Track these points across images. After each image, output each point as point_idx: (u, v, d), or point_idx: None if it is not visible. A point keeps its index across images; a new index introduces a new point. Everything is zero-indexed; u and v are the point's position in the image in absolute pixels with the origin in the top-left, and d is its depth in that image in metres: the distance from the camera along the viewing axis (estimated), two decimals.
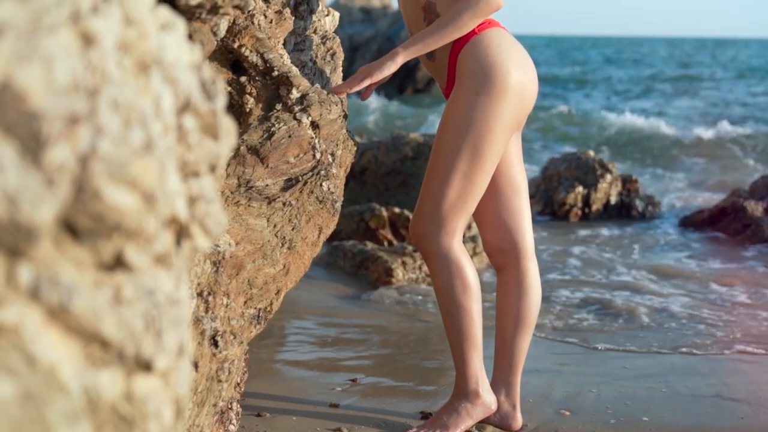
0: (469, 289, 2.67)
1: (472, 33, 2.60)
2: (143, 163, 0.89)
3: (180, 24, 1.16)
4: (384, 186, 6.53)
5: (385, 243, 5.61)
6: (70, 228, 0.87)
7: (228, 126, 1.18)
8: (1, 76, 0.75)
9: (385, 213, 5.68)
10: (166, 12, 1.14)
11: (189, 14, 1.76)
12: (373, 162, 6.59)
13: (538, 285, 2.81)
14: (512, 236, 2.75)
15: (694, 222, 6.63)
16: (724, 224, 6.44)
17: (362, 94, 2.70)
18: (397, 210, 5.72)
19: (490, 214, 2.76)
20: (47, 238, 0.83)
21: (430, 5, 2.66)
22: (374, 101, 15.74)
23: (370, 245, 5.36)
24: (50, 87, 0.79)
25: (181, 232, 1.09)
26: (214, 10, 1.78)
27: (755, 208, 6.34)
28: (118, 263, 0.94)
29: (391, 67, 2.61)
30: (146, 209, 0.90)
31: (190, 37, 1.90)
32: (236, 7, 1.81)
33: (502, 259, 2.79)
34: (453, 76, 2.66)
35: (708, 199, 7.85)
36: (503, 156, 2.72)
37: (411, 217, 5.61)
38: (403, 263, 5.08)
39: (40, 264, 0.84)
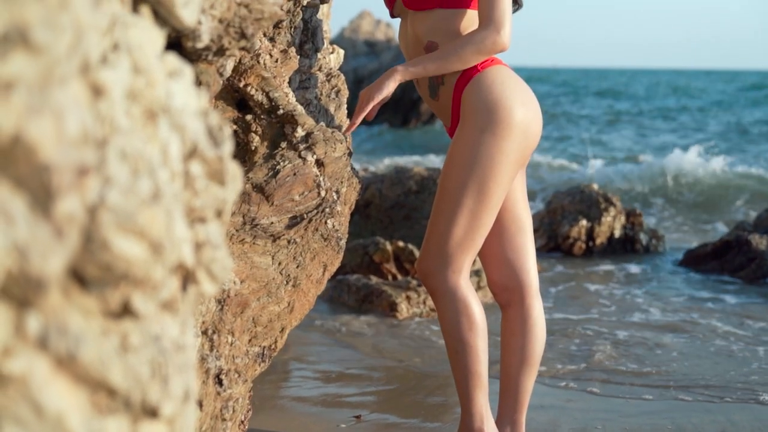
0: (476, 326, 2.67)
1: (475, 71, 2.62)
2: (151, 213, 0.90)
3: (187, 71, 1.17)
4: (388, 219, 6.53)
5: (390, 277, 5.60)
6: (79, 277, 0.88)
7: (234, 171, 1.19)
8: (12, 129, 0.76)
9: (389, 247, 5.68)
10: (173, 59, 1.16)
11: (195, 56, 1.77)
12: (377, 195, 6.60)
13: (543, 323, 2.81)
14: (517, 274, 2.75)
15: (698, 256, 6.62)
16: (728, 258, 6.43)
17: (367, 116, 2.72)
18: (401, 244, 5.73)
19: (495, 251, 2.77)
20: (56, 288, 0.84)
21: (433, 45, 2.68)
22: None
23: (374, 279, 5.36)
24: (61, 139, 0.80)
25: (187, 277, 1.10)
26: (221, 51, 1.80)
27: (759, 241, 6.33)
28: (125, 311, 0.95)
29: (390, 86, 2.64)
30: (154, 258, 0.91)
31: (197, 78, 1.92)
32: (242, 48, 1.83)
33: (506, 296, 2.79)
34: (457, 114, 2.67)
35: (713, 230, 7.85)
36: (508, 194, 2.73)
37: (415, 250, 5.65)
38: (408, 297, 5.08)
39: (49, 313, 0.84)
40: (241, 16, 1.75)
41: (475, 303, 2.68)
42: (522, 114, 2.60)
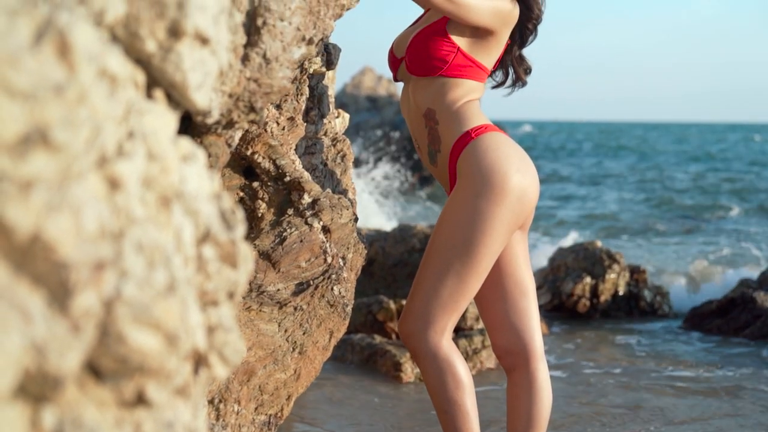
0: (462, 384, 2.67)
1: (470, 138, 2.65)
2: (166, 305, 0.91)
3: (200, 154, 1.19)
4: (392, 278, 6.53)
5: (393, 336, 5.58)
6: (94, 369, 0.88)
7: (246, 253, 1.20)
8: (31, 228, 0.77)
9: (393, 305, 5.67)
10: (186, 143, 1.17)
11: (205, 129, 1.79)
12: (380, 253, 6.60)
13: (549, 386, 2.79)
14: (521, 338, 2.74)
15: (702, 314, 6.59)
16: (733, 316, 6.41)
17: None
18: (404, 302, 5.71)
19: (498, 316, 2.76)
20: (72, 382, 0.84)
21: (431, 113, 2.72)
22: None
23: (378, 339, 5.34)
24: (79, 236, 0.81)
25: (199, 361, 1.10)
26: (230, 125, 1.82)
27: (765, 299, 6.31)
28: (139, 400, 0.95)
29: None
30: (169, 349, 0.92)
31: (206, 150, 1.93)
32: (252, 121, 1.85)
33: (511, 360, 2.77)
34: (454, 180, 2.69)
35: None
36: (510, 258, 2.74)
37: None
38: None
39: (64, 407, 0.84)
40: (250, 90, 1.77)
41: (459, 361, 2.67)
42: (517, 180, 2.61)
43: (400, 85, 2.98)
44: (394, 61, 2.87)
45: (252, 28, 1.77)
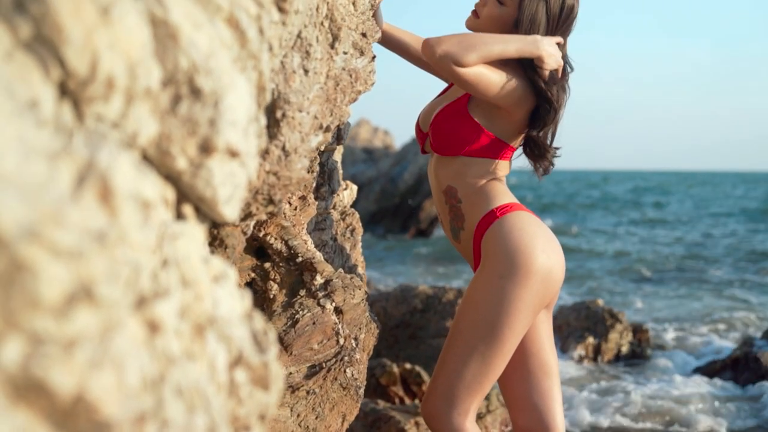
0: None
1: (494, 217, 2.61)
2: None
3: (231, 273, 1.16)
4: (393, 339, 6.47)
5: (397, 400, 5.51)
6: None
7: (278, 373, 1.16)
8: (74, 388, 0.73)
9: (396, 369, 5.60)
10: (218, 262, 1.14)
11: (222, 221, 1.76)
12: (382, 314, 6.55)
13: None
14: (543, 419, 2.69)
15: (707, 373, 6.54)
16: (737, 374, 6.36)
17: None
18: (408, 366, 5.65)
19: (521, 396, 2.71)
20: None
21: (452, 190, 2.69)
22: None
23: (381, 404, 5.26)
24: (121, 392, 0.77)
25: None
26: (248, 216, 1.80)
27: None
28: None
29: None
30: None
31: (223, 240, 1.90)
32: (270, 213, 1.82)
33: None
34: (478, 259, 2.66)
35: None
36: (534, 338, 2.70)
37: (422, 372, 5.57)
38: (417, 423, 4.98)
39: None
40: (269, 183, 1.74)
41: None
42: (542, 260, 2.57)
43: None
44: (420, 135, 2.83)
45: (271, 121, 1.74)
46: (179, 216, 1.16)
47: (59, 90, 0.93)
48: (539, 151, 2.69)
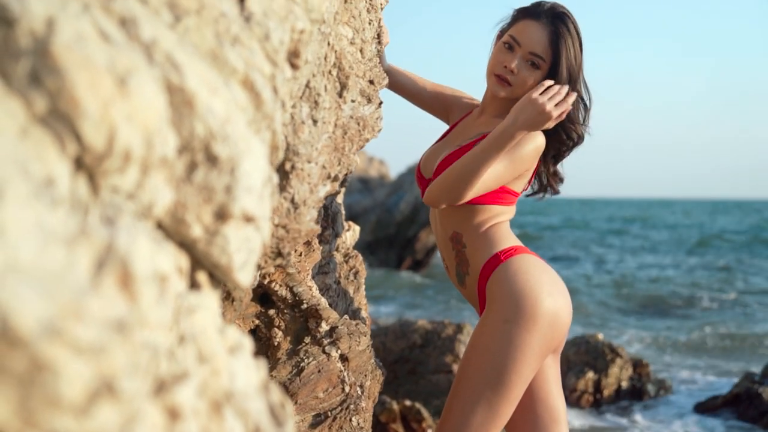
0: None
1: (499, 261, 2.58)
2: None
3: (246, 343, 1.12)
4: (392, 374, 6.41)
5: None
6: None
7: None
8: None
9: (396, 406, 5.55)
10: (233, 333, 1.11)
11: None
12: (381, 349, 6.50)
13: None
14: None
15: (708, 409, 6.49)
16: (739, 411, 6.32)
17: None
18: (408, 402, 5.60)
19: None
20: None
21: (458, 236, 2.65)
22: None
23: None
24: None
25: None
26: (256, 269, 1.76)
27: None
28: None
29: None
30: None
31: (231, 294, 1.87)
32: (278, 266, 1.79)
33: None
34: (483, 303, 2.62)
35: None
36: (542, 383, 2.66)
37: (422, 409, 5.52)
38: None
39: None
40: (278, 237, 1.72)
41: None
42: (549, 304, 2.53)
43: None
44: (422, 181, 2.79)
45: (280, 174, 1.72)
46: (193, 284, 1.13)
47: (75, 164, 0.90)
48: (557, 176, 2.71)
